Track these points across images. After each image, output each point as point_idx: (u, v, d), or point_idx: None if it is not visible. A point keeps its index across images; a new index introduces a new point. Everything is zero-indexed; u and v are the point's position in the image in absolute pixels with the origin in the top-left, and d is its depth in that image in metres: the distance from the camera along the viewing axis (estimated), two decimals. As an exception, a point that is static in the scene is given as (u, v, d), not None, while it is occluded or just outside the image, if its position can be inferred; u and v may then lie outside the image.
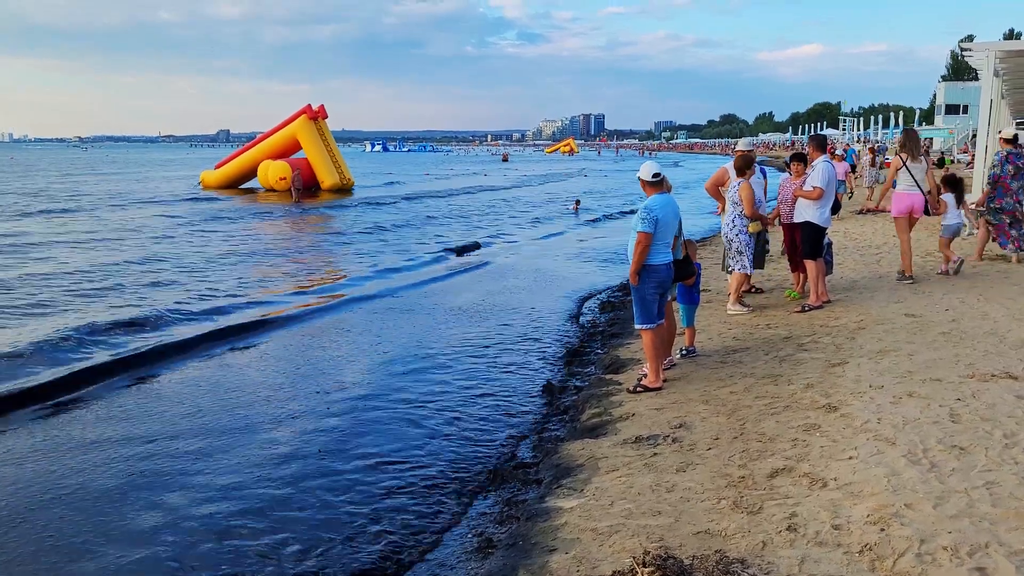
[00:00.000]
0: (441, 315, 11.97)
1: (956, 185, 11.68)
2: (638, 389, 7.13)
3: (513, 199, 37.07)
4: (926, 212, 10.61)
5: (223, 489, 5.94)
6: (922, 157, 10.70)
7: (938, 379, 6.44)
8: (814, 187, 9.36)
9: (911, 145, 10.53)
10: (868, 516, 4.27)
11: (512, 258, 18.34)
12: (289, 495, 5.86)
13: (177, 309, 11.90)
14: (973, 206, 12.39)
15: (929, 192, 10.52)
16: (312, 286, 14.39)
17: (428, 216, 28.42)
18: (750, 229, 9.41)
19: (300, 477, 6.17)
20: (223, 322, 11.35)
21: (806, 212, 9.48)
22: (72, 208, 30.36)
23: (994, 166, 11.73)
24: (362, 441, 6.95)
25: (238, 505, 5.67)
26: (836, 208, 10.03)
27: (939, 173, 14.02)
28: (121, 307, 12.08)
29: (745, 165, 9.45)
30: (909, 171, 10.46)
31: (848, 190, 21.79)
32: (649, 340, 7.10)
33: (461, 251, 19.02)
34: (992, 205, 11.67)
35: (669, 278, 7.15)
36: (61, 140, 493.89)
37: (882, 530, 4.11)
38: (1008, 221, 11.62)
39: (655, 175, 7.10)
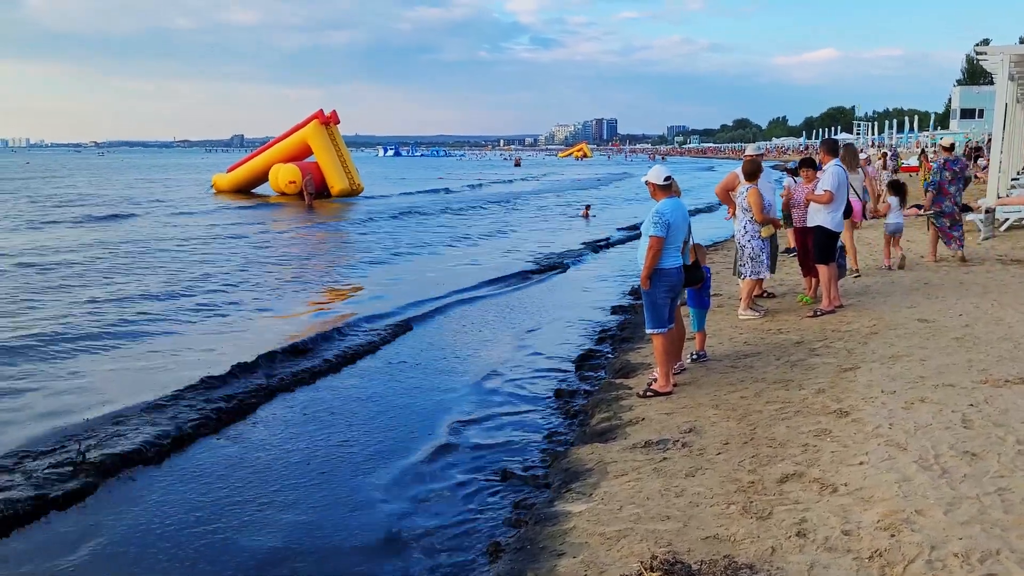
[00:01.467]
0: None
1: (900, 190, 12.83)
2: (648, 393, 7.12)
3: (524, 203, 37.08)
4: (863, 216, 12.74)
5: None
6: (859, 168, 12.55)
7: (951, 384, 6.39)
8: (825, 191, 9.32)
9: (849, 159, 11.44)
10: (878, 522, 4.24)
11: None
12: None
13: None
14: (923, 209, 13.14)
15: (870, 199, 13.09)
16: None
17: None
18: (763, 234, 9.37)
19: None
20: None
21: (818, 216, 9.44)
22: (137, 213, 30.09)
23: (934, 173, 12.85)
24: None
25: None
26: (848, 212, 9.99)
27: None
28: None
29: (753, 170, 9.41)
30: (849, 182, 10.64)
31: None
32: (660, 344, 7.08)
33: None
34: (935, 209, 12.50)
35: (680, 282, 7.15)
36: (77, 145, 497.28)
37: (892, 536, 4.08)
38: (948, 224, 12.45)
39: (666, 179, 7.09)
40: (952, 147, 13.63)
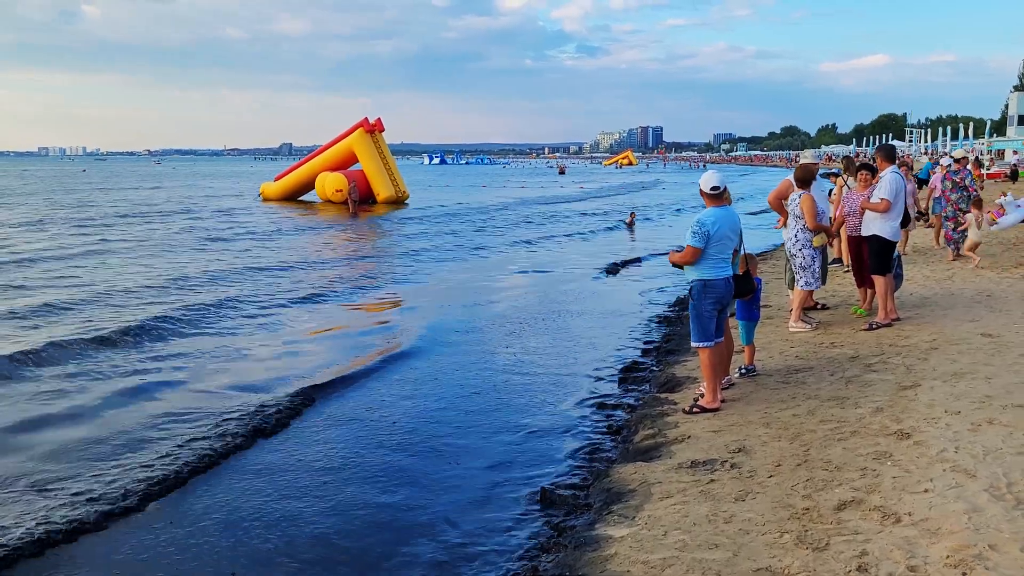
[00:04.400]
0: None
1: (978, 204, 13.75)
2: (695, 410, 6.82)
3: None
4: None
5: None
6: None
7: (1021, 405, 5.98)
8: (881, 199, 8.92)
9: (852, 170, 11.35)
10: (947, 557, 3.90)
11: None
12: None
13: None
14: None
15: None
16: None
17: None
18: (815, 243, 9.02)
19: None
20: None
21: (874, 225, 9.04)
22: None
23: (939, 182, 15.20)
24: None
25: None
26: (905, 221, 9.56)
27: (1011, 187, 14.42)
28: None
29: (807, 177, 9.07)
30: (849, 188, 10.77)
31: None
32: (706, 358, 6.79)
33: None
34: (940, 214, 14.55)
35: (728, 294, 6.83)
36: (131, 153, 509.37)
37: (964, 574, 3.75)
38: (952, 227, 13.95)
39: (713, 187, 6.79)
40: (960, 160, 15.86)
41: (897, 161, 13.24)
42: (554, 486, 6.08)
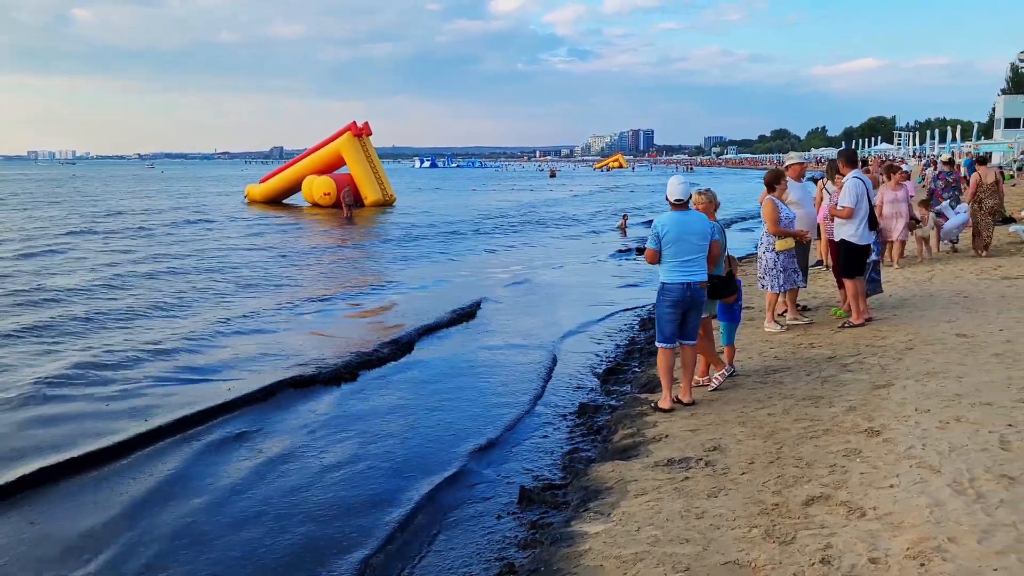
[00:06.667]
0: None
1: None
2: (655, 408, 7.01)
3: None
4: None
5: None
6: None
7: (988, 403, 6.12)
8: (843, 207, 9.07)
9: (832, 173, 11.51)
10: (908, 550, 4.03)
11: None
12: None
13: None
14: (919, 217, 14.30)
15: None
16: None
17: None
18: (777, 247, 9.07)
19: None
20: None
21: (841, 230, 9.22)
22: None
23: (931, 181, 16.94)
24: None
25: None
26: (873, 224, 9.63)
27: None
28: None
29: (771, 180, 9.11)
30: (828, 193, 11.20)
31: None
32: (660, 359, 7.01)
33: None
34: (934, 210, 15.02)
35: (687, 298, 6.85)
36: (121, 157, 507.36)
37: (922, 565, 3.87)
38: (943, 223, 14.74)
39: (677, 200, 6.90)
40: (951, 162, 18.05)
41: (886, 168, 13.50)
42: (533, 485, 6.20)
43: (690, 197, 7.00)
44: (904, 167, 32.36)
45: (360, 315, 13.48)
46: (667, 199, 6.93)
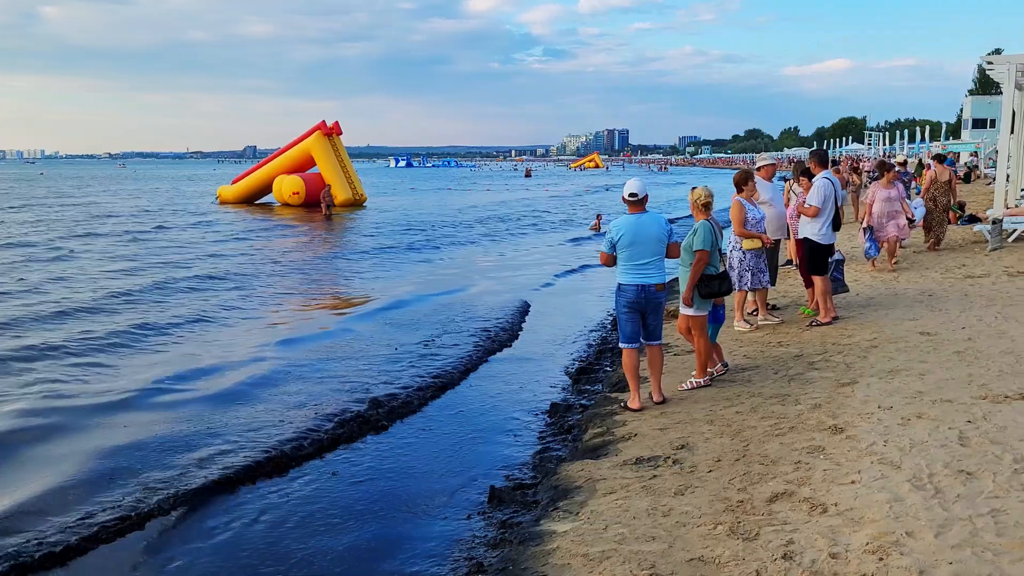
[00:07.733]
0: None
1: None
2: (626, 407, 7.10)
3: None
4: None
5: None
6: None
7: (949, 400, 6.26)
8: (810, 205, 9.23)
9: (798, 174, 11.78)
10: (867, 544, 4.12)
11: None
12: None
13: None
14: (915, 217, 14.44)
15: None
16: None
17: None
18: (744, 246, 9.18)
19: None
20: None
21: (805, 229, 9.39)
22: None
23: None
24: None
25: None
26: (836, 225, 9.77)
27: (963, 188, 15.19)
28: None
29: (739, 181, 9.20)
30: (795, 195, 11.39)
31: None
32: (625, 359, 7.11)
33: None
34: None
35: (642, 299, 6.88)
36: (91, 156, 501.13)
37: (881, 559, 3.97)
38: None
39: (631, 194, 6.96)
40: (905, 163, 20.82)
41: (878, 165, 13.79)
42: (504, 484, 6.24)
43: (645, 197, 7.00)
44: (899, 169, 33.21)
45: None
46: (623, 199, 7.00)
